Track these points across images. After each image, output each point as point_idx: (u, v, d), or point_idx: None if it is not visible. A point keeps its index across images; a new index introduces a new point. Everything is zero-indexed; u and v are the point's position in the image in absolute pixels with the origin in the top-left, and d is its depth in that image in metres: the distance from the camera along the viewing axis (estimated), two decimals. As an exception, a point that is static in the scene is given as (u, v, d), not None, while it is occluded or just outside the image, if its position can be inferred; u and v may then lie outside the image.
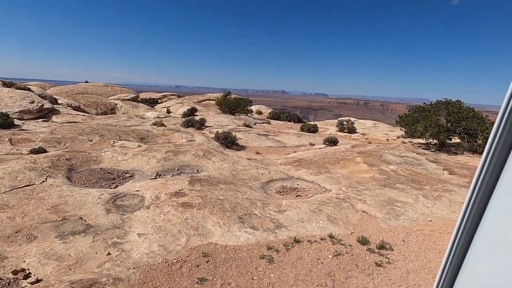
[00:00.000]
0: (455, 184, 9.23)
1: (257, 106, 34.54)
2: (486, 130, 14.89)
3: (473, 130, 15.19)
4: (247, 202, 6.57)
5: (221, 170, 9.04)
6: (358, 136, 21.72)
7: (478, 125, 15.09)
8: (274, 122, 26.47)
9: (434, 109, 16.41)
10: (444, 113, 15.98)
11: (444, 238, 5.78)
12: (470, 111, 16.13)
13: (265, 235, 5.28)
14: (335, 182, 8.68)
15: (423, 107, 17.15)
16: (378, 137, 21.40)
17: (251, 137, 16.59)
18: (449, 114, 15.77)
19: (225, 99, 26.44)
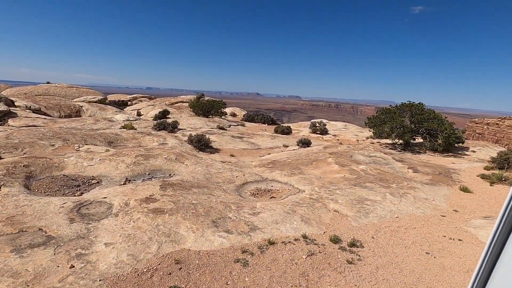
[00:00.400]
0: (418, 181, 9.80)
1: (231, 109, 34.42)
2: (445, 130, 16.02)
3: (434, 131, 16.26)
4: (221, 205, 6.48)
5: (195, 173, 8.85)
6: (330, 137, 22.37)
7: (438, 126, 16.19)
8: (248, 124, 26.50)
9: (399, 111, 17.36)
10: (408, 115, 16.96)
11: (410, 233, 6.10)
12: (431, 112, 17.27)
13: (240, 239, 5.23)
14: (308, 183, 8.85)
15: (389, 109, 18.08)
16: (348, 138, 22.18)
17: (225, 140, 16.46)
18: (413, 116, 16.77)
19: (198, 101, 26.04)
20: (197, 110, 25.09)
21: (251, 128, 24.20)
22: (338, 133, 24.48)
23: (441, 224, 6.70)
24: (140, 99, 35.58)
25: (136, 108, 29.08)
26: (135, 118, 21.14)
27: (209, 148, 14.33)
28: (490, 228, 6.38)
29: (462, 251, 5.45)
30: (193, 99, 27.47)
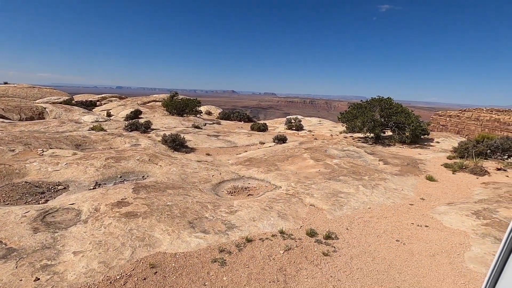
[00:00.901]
0: (388, 173, 10.26)
1: (207, 107, 33.97)
2: (412, 123, 16.89)
3: (402, 124, 17.08)
4: (198, 205, 6.39)
5: (169, 174, 8.64)
6: (305, 133, 22.77)
7: (405, 119, 17.02)
8: (224, 122, 26.30)
9: (370, 105, 18.03)
10: (378, 109, 17.66)
11: (381, 223, 6.37)
12: (398, 106, 18.10)
13: (217, 238, 5.19)
14: (285, 179, 8.95)
15: (360, 104, 18.72)
16: (323, 133, 22.72)
17: (201, 139, 16.22)
18: (382, 110, 17.49)
19: (172, 100, 25.40)
20: (171, 109, 24.49)
21: (227, 126, 24.04)
22: (313, 128, 24.99)
23: (410, 212, 7.06)
24: (110, 99, 34.06)
25: (106, 108, 27.82)
26: (105, 119, 20.22)
27: (185, 147, 14.05)
28: (453, 214, 6.84)
29: (428, 237, 5.79)
30: (166, 98, 26.74)
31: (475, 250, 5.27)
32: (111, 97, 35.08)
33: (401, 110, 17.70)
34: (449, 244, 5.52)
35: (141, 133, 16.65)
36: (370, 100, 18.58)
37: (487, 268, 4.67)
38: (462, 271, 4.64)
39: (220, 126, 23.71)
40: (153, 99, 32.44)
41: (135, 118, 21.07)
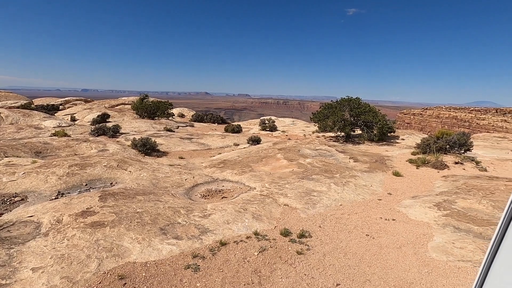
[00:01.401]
0: (358, 170, 10.66)
1: (179, 109, 33.27)
2: (379, 122, 17.71)
3: (370, 122, 17.85)
4: (170, 211, 6.20)
5: (139, 180, 8.32)
6: (279, 133, 23.05)
7: (373, 118, 17.81)
8: (197, 125, 25.91)
9: (340, 105, 18.64)
10: (347, 109, 18.30)
11: (352, 219, 6.59)
12: (366, 106, 18.89)
13: (190, 243, 5.07)
14: (259, 180, 8.98)
15: (331, 104, 19.30)
16: (296, 133, 23.14)
17: (173, 142, 15.84)
18: (351, 109, 18.16)
19: (142, 102, 24.55)
20: (141, 112, 23.67)
21: (200, 129, 23.69)
22: (286, 129, 25.37)
23: (378, 207, 7.38)
24: (74, 103, 32.22)
25: (70, 112, 26.27)
26: (69, 123, 19.08)
27: (156, 151, 13.63)
28: (417, 206, 7.25)
29: (395, 230, 6.08)
30: (136, 101, 25.80)
31: (437, 240, 5.61)
32: (75, 101, 33.20)
33: (368, 109, 18.49)
34: (414, 235, 5.84)
35: (109, 137, 15.91)
36: (340, 100, 19.21)
37: (448, 256, 5.00)
38: (426, 261, 4.93)
39: (194, 129, 23.32)
40: (122, 102, 31.17)
41: (103, 122, 20.10)
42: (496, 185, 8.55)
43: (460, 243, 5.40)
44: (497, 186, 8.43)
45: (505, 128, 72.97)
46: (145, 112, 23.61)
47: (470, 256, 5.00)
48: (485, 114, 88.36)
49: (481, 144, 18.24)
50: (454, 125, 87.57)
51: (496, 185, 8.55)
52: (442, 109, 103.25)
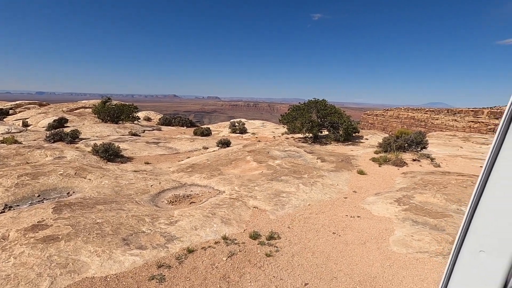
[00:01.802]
0: (325, 170, 10.98)
1: (146, 112, 32.05)
2: (344, 123, 18.44)
3: (336, 123, 18.52)
4: (133, 220, 5.89)
5: (100, 188, 7.82)
6: (249, 136, 23.08)
7: (338, 119, 18.50)
8: (165, 128, 25.10)
9: (307, 107, 19.12)
10: (314, 110, 18.83)
11: (320, 218, 6.74)
12: (332, 107, 19.58)
13: (155, 253, 4.84)
14: (228, 183, 8.88)
15: (299, 106, 19.74)
16: (266, 135, 23.32)
17: (138, 147, 15.17)
18: (318, 111, 18.71)
19: (104, 106, 23.25)
20: (104, 116, 22.41)
21: (168, 132, 22.98)
22: (256, 131, 25.48)
23: (344, 205, 7.64)
24: (27, 106, 29.67)
25: (22, 117, 24.13)
26: (20, 129, 17.51)
27: (120, 157, 12.94)
28: (380, 203, 7.60)
29: (360, 226, 6.32)
30: (97, 104, 24.38)
31: (398, 234, 5.92)
32: (28, 104, 30.60)
33: (334, 110, 19.18)
34: (377, 231, 6.11)
35: (67, 143, 14.83)
36: (307, 102, 19.71)
37: (407, 248, 5.29)
38: (388, 254, 5.17)
39: (161, 132, 22.57)
40: (82, 105, 29.32)
41: (60, 127, 18.71)
42: (448, 179, 9.26)
43: (418, 236, 5.74)
44: (449, 180, 9.14)
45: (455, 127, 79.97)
46: (108, 116, 22.39)
47: (426, 247, 5.33)
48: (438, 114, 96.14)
49: (435, 142, 19.72)
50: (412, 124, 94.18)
51: (448, 179, 9.26)
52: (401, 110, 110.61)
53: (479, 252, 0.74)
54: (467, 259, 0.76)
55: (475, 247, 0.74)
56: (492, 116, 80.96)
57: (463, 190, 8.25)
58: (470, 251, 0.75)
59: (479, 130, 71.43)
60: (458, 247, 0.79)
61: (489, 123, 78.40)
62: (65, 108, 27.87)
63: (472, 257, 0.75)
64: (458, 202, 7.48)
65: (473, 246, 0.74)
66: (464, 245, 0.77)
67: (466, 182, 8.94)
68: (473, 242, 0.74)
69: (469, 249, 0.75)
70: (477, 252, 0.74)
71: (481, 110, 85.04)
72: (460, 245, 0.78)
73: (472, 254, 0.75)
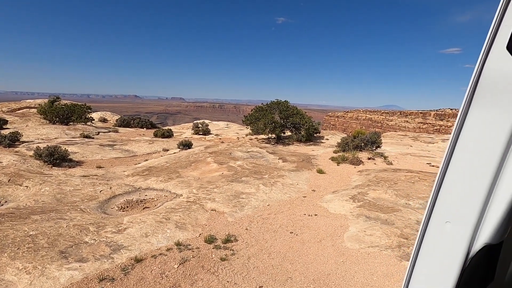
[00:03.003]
0: (286, 169, 11.08)
1: (101, 113, 30.04)
2: (306, 124, 18.89)
3: (298, 124, 18.91)
4: (75, 230, 5.33)
5: (39, 196, 7.02)
6: (212, 137, 22.67)
7: (300, 120, 18.91)
8: (123, 130, 23.69)
9: (270, 108, 19.28)
10: (277, 111, 19.05)
11: (278, 218, 6.72)
12: (294, 109, 19.96)
13: (98, 265, 4.40)
14: (186, 186, 8.53)
15: (261, 107, 19.82)
16: (230, 136, 23.09)
17: (90, 149, 14.05)
18: (281, 112, 18.96)
19: (52, 106, 21.28)
20: (51, 117, 20.49)
21: (126, 134, 21.70)
22: (220, 132, 25.13)
23: (303, 204, 7.72)
24: (-42, 106, 26.14)
25: (-50, 118, 21.14)
26: None
27: (68, 161, 11.85)
28: (337, 200, 7.80)
29: (317, 224, 6.41)
30: (44, 104, 22.25)
31: (352, 230, 6.09)
32: (-41, 104, 26.96)
33: (296, 112, 19.57)
34: (333, 228, 6.23)
35: (5, 147, 13.24)
36: (270, 103, 19.88)
37: (360, 243, 5.44)
38: (342, 251, 5.27)
39: (118, 134, 21.23)
40: (26, 105, 26.62)
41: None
42: (398, 176, 9.85)
43: (370, 231, 5.96)
44: (399, 177, 9.72)
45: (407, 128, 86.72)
46: (56, 117, 20.51)
47: (377, 241, 5.54)
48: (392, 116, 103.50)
49: (388, 141, 21.05)
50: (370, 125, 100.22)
51: (398, 176, 9.85)
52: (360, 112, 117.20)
53: (445, 223, 0.80)
54: (435, 230, 0.83)
55: (442, 219, 0.81)
56: (438, 117, 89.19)
57: (411, 186, 8.81)
58: (437, 223, 0.82)
59: (427, 130, 78.21)
60: (426, 219, 0.84)
61: (435, 124, 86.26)
62: (5, 108, 25.06)
63: (439, 228, 0.82)
64: (407, 197, 7.95)
65: (439, 218, 0.81)
66: (432, 218, 0.83)
67: (414, 178, 9.57)
68: (439, 214, 0.81)
69: (436, 220, 0.82)
70: (443, 223, 0.81)
71: (429, 112, 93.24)
72: (428, 218, 0.84)
73: (439, 225, 0.82)
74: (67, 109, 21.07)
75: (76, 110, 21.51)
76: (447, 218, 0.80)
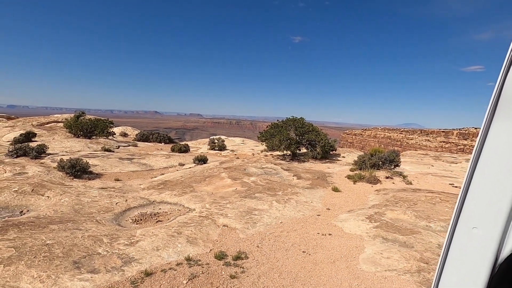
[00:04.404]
0: (301, 187, 10.90)
1: (122, 128, 31.20)
2: (321, 141, 18.72)
3: (313, 141, 18.76)
4: (90, 240, 5.44)
5: (59, 206, 7.26)
6: (228, 153, 22.85)
7: (316, 137, 18.77)
8: (142, 144, 24.40)
9: (285, 125, 19.32)
10: (292, 128, 19.04)
11: (291, 236, 6.56)
12: (310, 126, 19.89)
13: (108, 277, 4.43)
14: (200, 200, 8.56)
15: (277, 123, 19.90)
16: (245, 152, 23.19)
17: (110, 162, 14.51)
18: (296, 129, 18.93)
19: (77, 120, 22.37)
20: (76, 131, 21.50)
21: (144, 148, 22.32)
22: (236, 148, 25.32)
23: (317, 222, 7.51)
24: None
25: (-15, 131, 22.67)
26: (-19, 143, 16.34)
27: (88, 173, 12.28)
28: (352, 220, 7.54)
29: (330, 244, 6.19)
30: (70, 118, 23.45)
31: (368, 252, 5.83)
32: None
33: (312, 128, 19.47)
34: (347, 248, 5.99)
35: (32, 159, 13.95)
36: (285, 120, 19.93)
37: (376, 266, 5.18)
38: (357, 273, 5.03)
39: (137, 149, 21.88)
40: (54, 119, 28.15)
41: (27, 142, 17.67)
42: (418, 196, 9.43)
43: (387, 253, 5.68)
44: (419, 197, 9.31)
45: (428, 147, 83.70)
46: (81, 131, 21.51)
47: (395, 265, 5.26)
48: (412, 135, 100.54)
49: (408, 160, 20.37)
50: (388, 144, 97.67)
51: (418, 196, 9.43)
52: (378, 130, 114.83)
53: (472, 228, 0.81)
54: (462, 236, 0.83)
55: (468, 225, 0.82)
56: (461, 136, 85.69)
57: (432, 207, 8.40)
58: (464, 229, 0.83)
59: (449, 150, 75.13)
60: (453, 225, 0.85)
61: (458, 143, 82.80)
62: (35, 122, 26.60)
63: (466, 234, 0.82)
64: (427, 218, 7.57)
65: (466, 223, 0.82)
66: (459, 223, 0.84)
67: (435, 199, 9.13)
68: (466, 220, 0.82)
69: (463, 226, 0.83)
70: (470, 229, 0.81)
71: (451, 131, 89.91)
72: (455, 224, 0.85)
73: (466, 231, 0.82)
74: (90, 124, 22.06)
75: (99, 125, 22.46)
76: (474, 223, 0.81)
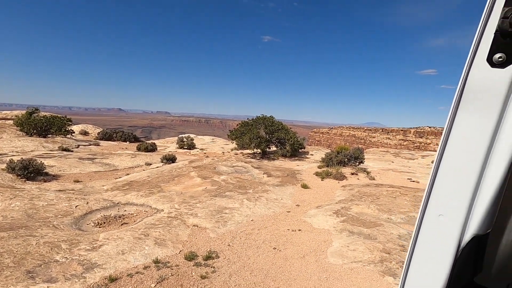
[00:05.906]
0: (271, 184, 11.03)
1: (82, 126, 29.24)
2: (290, 139, 19.08)
3: (283, 139, 19.07)
4: (45, 247, 5.01)
5: (8, 211, 6.60)
6: (197, 151, 22.41)
7: (285, 135, 19.09)
8: (105, 144, 23.07)
9: (255, 123, 19.40)
10: (262, 126, 19.18)
11: (261, 233, 6.60)
12: (279, 124, 20.18)
13: (67, 285, 4.11)
14: (168, 201, 8.29)
15: (247, 122, 19.93)
16: (215, 151, 22.91)
17: (69, 163, 13.52)
18: (266, 127, 19.10)
19: (30, 117, 20.53)
20: (28, 129, 19.71)
21: (107, 148, 21.13)
22: (205, 147, 24.92)
23: (287, 219, 7.65)
24: None
25: None
26: None
27: (44, 175, 11.31)
28: (320, 215, 7.78)
29: (300, 239, 6.33)
30: (22, 115, 21.45)
31: (335, 245, 6.06)
32: None
33: (281, 127, 19.78)
34: (316, 243, 6.17)
35: (-25, 160, 12.52)
36: (255, 118, 20.02)
37: (343, 259, 5.40)
38: (325, 267, 5.20)
39: (99, 148, 20.63)
40: (2, 116, 25.57)
41: (-32, 141, 15.83)
42: (380, 191, 10.00)
43: (353, 246, 5.94)
44: (381, 192, 9.87)
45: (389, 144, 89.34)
46: (34, 129, 19.75)
47: (360, 256, 5.52)
48: (375, 133, 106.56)
49: (371, 157, 21.52)
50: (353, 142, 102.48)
51: (380, 191, 10.00)
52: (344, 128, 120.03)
53: (439, 216, 0.85)
54: (429, 223, 0.87)
55: (435, 212, 0.86)
56: (417, 135, 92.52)
57: (392, 201, 8.95)
58: (431, 216, 0.86)
59: (407, 147, 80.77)
60: (422, 213, 0.89)
61: (415, 141, 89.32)
62: (-21, 119, 23.93)
63: (433, 221, 0.87)
64: (389, 211, 8.05)
65: (433, 211, 0.86)
66: (427, 211, 0.87)
67: (395, 193, 9.75)
68: (433, 208, 0.86)
69: (430, 214, 0.87)
70: (437, 216, 0.86)
71: (409, 130, 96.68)
72: (423, 212, 0.88)
73: (433, 219, 0.86)
74: (45, 121, 20.36)
75: (56, 122, 20.82)
76: (440, 211, 0.86)
